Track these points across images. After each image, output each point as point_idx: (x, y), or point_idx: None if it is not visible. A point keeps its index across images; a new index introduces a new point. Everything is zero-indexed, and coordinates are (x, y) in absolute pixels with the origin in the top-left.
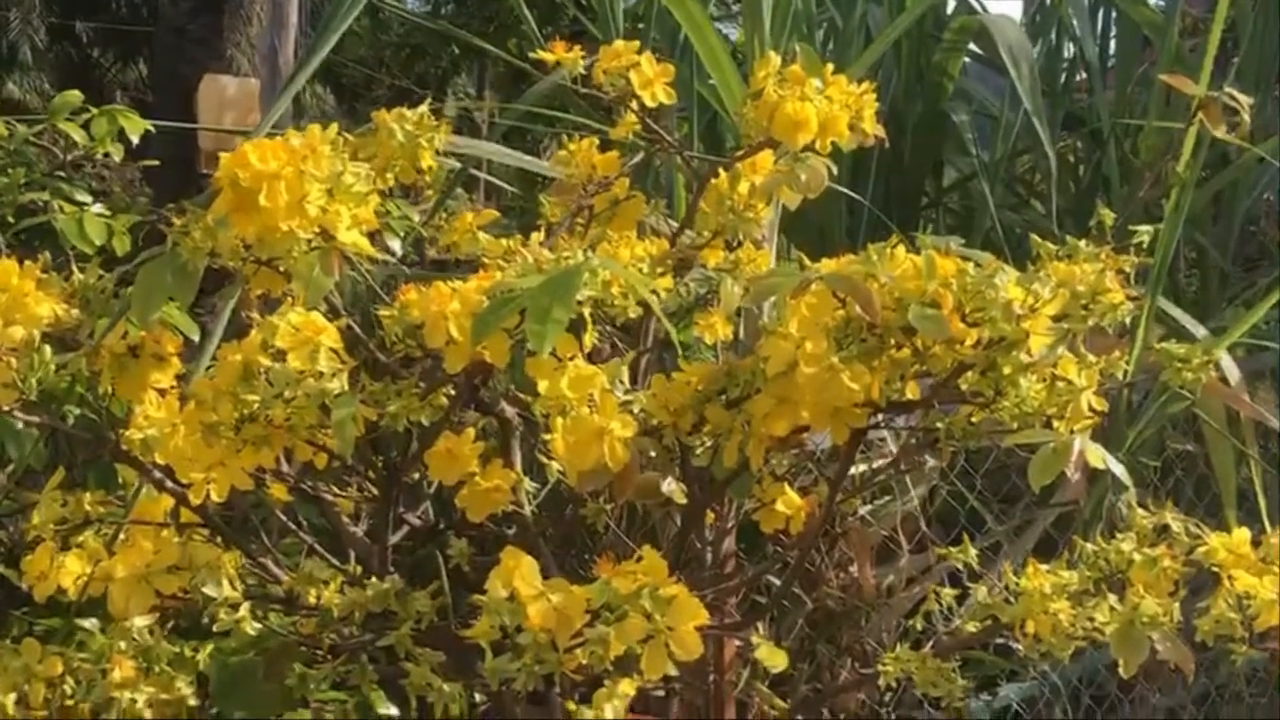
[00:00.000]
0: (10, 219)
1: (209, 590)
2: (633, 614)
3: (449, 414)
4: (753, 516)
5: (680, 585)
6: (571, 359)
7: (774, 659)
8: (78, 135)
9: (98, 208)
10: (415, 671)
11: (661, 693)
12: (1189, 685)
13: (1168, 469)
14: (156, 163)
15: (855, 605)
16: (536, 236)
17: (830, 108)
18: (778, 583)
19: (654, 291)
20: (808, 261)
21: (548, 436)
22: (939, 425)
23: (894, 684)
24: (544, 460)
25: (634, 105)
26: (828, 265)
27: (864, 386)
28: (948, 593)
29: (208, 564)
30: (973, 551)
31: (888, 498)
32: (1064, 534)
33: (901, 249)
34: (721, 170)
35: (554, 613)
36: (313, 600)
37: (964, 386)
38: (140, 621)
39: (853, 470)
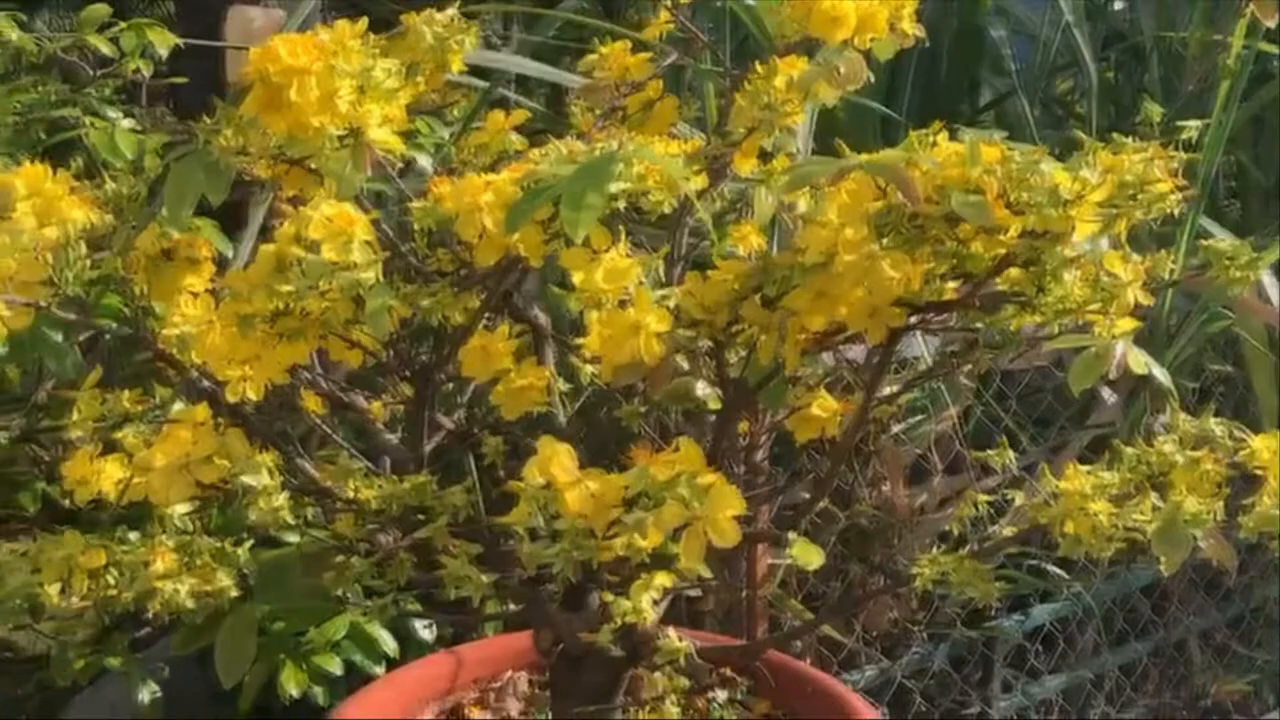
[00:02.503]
0: (43, 134)
1: (248, 479)
2: (670, 501)
3: (481, 313)
4: (787, 426)
5: (717, 474)
6: (606, 251)
7: (808, 556)
8: (105, 47)
9: (128, 123)
10: (452, 563)
11: (698, 592)
12: (1223, 609)
13: (1206, 392)
14: (184, 80)
15: (888, 524)
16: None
17: (869, 3)
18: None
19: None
20: (846, 150)
21: (580, 341)
22: (978, 325)
23: (928, 600)
24: (576, 365)
25: (667, 3)
26: (867, 156)
27: (904, 276)
28: (984, 498)
29: (246, 455)
30: (1011, 454)
31: (921, 417)
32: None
33: (944, 136)
34: (757, 66)
35: (591, 499)
36: (350, 494)
37: (1004, 287)
38: (181, 509)
39: (890, 388)
